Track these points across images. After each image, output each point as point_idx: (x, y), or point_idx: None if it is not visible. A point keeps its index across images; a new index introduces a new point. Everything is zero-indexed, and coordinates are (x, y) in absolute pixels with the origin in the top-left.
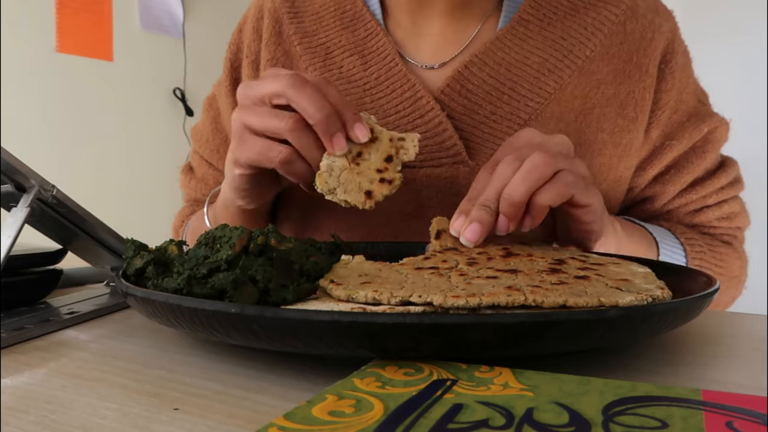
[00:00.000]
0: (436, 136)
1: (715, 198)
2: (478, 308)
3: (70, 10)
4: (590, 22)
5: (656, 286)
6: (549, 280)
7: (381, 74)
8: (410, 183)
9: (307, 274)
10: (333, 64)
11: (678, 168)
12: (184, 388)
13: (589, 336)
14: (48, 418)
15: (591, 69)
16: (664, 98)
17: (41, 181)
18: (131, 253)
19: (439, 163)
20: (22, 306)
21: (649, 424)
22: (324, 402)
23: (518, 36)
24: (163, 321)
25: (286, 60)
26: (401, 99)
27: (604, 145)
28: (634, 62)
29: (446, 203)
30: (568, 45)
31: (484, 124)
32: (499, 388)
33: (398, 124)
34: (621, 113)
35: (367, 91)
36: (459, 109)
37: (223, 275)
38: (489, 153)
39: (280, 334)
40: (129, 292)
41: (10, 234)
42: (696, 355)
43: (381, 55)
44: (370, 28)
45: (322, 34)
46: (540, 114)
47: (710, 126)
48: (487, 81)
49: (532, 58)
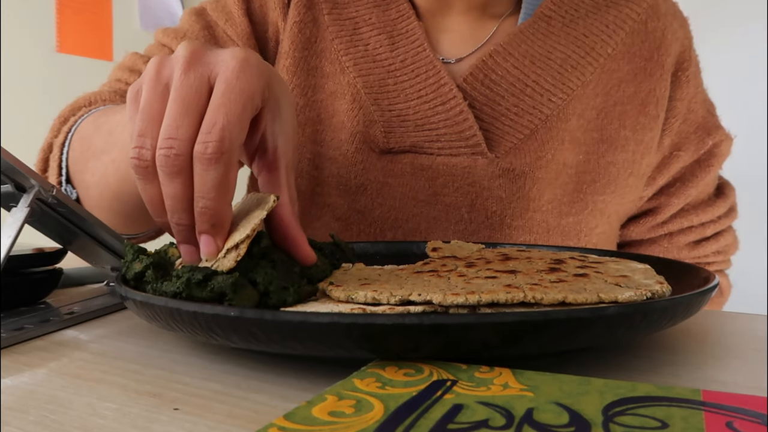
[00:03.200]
0: (456, 125)
1: (712, 229)
2: (477, 306)
3: (70, 10)
4: (612, 20)
5: (655, 281)
6: (548, 278)
7: (407, 57)
8: (426, 169)
9: (308, 275)
10: (360, 41)
11: (683, 181)
12: (184, 388)
13: (589, 333)
14: (48, 418)
15: (612, 67)
16: (678, 106)
17: (41, 181)
18: (130, 257)
19: (458, 152)
20: (22, 306)
21: (649, 425)
22: (324, 402)
23: (540, 31)
24: (162, 325)
25: (313, 27)
26: (425, 84)
27: (627, 141)
28: (655, 60)
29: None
30: (590, 42)
31: (505, 116)
32: (499, 389)
33: (419, 109)
34: (642, 111)
35: (390, 73)
36: (481, 98)
37: (222, 278)
38: (508, 146)
39: (279, 336)
40: (128, 296)
41: (10, 234)
42: (696, 356)
43: (410, 39)
44: (402, 9)
45: (353, 8)
46: (562, 110)
47: (715, 140)
48: (512, 72)
49: (555, 53)
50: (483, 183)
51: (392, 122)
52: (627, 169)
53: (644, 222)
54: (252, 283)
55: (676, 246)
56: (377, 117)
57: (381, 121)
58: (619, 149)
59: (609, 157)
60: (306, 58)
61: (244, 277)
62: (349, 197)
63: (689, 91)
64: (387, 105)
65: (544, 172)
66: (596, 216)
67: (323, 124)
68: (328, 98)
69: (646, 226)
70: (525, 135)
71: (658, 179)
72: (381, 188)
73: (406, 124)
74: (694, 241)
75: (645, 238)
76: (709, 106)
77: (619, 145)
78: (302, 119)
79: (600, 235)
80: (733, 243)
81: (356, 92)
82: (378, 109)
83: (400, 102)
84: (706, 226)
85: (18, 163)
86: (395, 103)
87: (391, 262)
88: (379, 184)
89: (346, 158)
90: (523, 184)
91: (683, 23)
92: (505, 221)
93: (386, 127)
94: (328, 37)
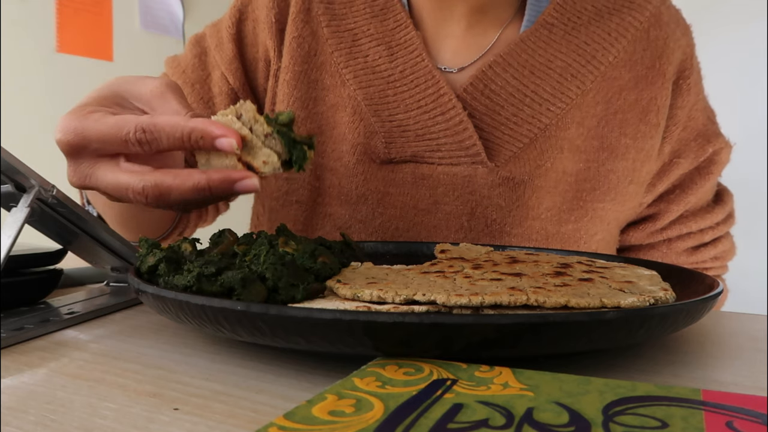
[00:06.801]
0: (456, 135)
1: (711, 235)
2: (480, 307)
3: (70, 10)
4: (614, 28)
5: (660, 287)
6: (552, 282)
7: (406, 68)
8: (427, 179)
9: (317, 273)
10: (359, 53)
11: (683, 188)
12: (184, 388)
13: (588, 337)
14: (48, 418)
15: (614, 75)
16: (678, 114)
17: (41, 181)
18: (144, 251)
19: (458, 161)
20: (22, 306)
21: (649, 424)
22: (324, 402)
23: (542, 39)
24: (172, 317)
25: (312, 41)
26: (424, 95)
27: (628, 149)
28: (657, 68)
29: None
30: (592, 50)
31: (504, 126)
32: (499, 388)
33: (419, 119)
34: (643, 119)
35: (390, 84)
36: (481, 108)
37: (231, 273)
38: (508, 155)
39: (284, 331)
40: (140, 289)
41: (10, 234)
42: (696, 355)
43: (408, 49)
44: (400, 19)
45: (351, 19)
46: (561, 119)
47: (715, 147)
48: (510, 82)
49: (555, 62)
50: (483, 192)
51: (393, 133)
52: (627, 177)
53: (643, 228)
54: (261, 279)
55: (674, 251)
56: (378, 128)
57: (382, 132)
58: (619, 157)
59: (609, 164)
60: (306, 71)
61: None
62: (350, 207)
63: (690, 99)
64: (387, 116)
65: (543, 180)
66: (596, 223)
67: (324, 135)
68: (328, 110)
69: (645, 231)
70: (524, 144)
71: (658, 186)
72: (382, 198)
73: (407, 134)
74: (693, 246)
75: (644, 243)
76: (709, 113)
77: (620, 153)
78: (303, 131)
79: (599, 242)
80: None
81: (357, 105)
82: (378, 121)
83: (400, 113)
84: (704, 232)
85: (18, 163)
86: (395, 113)
87: (400, 261)
88: (380, 194)
89: (347, 169)
90: (523, 192)
91: (686, 31)
92: (504, 229)
93: (387, 137)
94: (327, 50)
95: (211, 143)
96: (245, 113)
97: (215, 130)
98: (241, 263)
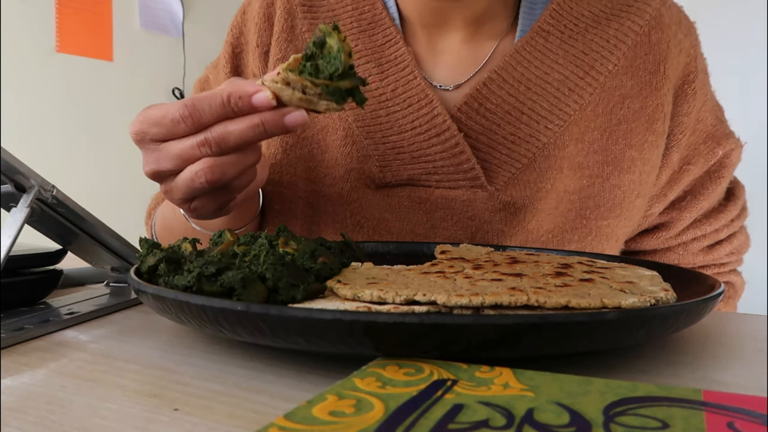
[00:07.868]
0: (452, 157)
1: (726, 231)
2: (480, 307)
3: (70, 10)
4: (613, 34)
5: (661, 288)
6: (553, 282)
7: (398, 86)
8: (424, 203)
9: (317, 273)
10: None
11: (694, 194)
12: (184, 388)
13: (588, 337)
14: (48, 419)
15: (614, 84)
16: (685, 121)
17: (41, 181)
18: (145, 251)
19: (456, 185)
20: (22, 306)
21: (650, 425)
22: (324, 402)
23: (538, 49)
24: (172, 317)
25: None
26: (417, 115)
27: (633, 162)
28: (661, 73)
29: (459, 226)
30: (590, 60)
31: (502, 146)
32: (499, 388)
33: (414, 141)
34: (650, 128)
35: (382, 103)
36: (477, 128)
37: (232, 273)
38: (507, 177)
39: (284, 331)
40: (140, 289)
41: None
42: (697, 356)
43: (399, 66)
44: (389, 34)
45: None
46: (560, 137)
47: (725, 149)
48: (507, 100)
49: (552, 75)
50: (483, 216)
51: (387, 155)
52: (633, 191)
53: (657, 236)
54: (261, 279)
55: (690, 252)
56: (371, 151)
57: (375, 155)
58: (624, 170)
59: (614, 179)
60: None
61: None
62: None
63: (696, 104)
64: (381, 138)
65: (543, 203)
66: (601, 241)
67: (315, 160)
68: (319, 134)
69: (659, 239)
70: (523, 164)
71: (669, 194)
72: (378, 224)
73: (402, 156)
74: (709, 245)
75: (659, 248)
76: (717, 111)
77: (625, 166)
78: (293, 158)
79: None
80: (746, 241)
81: (348, 126)
82: (372, 143)
83: (393, 134)
84: (719, 231)
85: (18, 163)
86: (389, 135)
87: (400, 262)
88: (375, 221)
89: (342, 197)
90: (523, 217)
91: (689, 31)
92: None
93: (381, 161)
94: None
95: (249, 102)
96: (292, 82)
97: (249, 88)
98: (241, 263)
